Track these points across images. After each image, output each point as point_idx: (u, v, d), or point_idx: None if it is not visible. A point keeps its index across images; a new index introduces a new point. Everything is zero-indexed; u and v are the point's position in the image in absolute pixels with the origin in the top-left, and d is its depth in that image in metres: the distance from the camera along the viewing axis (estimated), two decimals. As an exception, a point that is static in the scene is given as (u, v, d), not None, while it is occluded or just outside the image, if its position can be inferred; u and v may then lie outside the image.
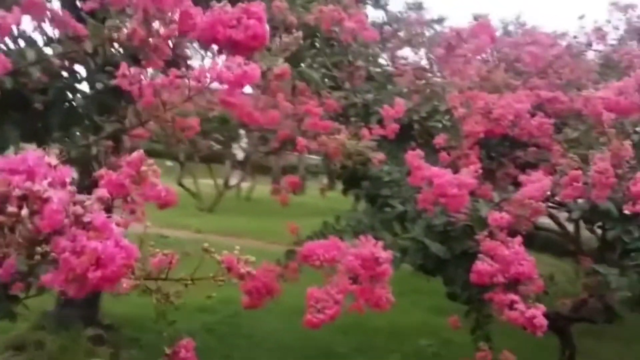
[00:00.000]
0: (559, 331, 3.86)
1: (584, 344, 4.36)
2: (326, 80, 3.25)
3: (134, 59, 1.41)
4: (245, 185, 17.32)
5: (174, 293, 1.13)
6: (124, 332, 5.42)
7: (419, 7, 6.81)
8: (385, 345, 6.39)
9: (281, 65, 2.12)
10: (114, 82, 1.43)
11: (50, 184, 0.66)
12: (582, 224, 3.88)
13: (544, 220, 4.43)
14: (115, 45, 1.46)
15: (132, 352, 5.05)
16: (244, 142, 12.78)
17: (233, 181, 16.28)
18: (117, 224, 0.70)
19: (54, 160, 0.69)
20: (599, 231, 3.68)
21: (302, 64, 3.26)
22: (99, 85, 1.60)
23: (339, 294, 1.92)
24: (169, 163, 13.89)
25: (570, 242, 4.68)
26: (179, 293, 1.13)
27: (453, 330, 6.55)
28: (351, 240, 2.41)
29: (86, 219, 0.67)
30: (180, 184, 14.11)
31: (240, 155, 15.72)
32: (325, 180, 4.23)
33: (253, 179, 18.29)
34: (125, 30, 1.35)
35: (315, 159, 3.78)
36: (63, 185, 0.69)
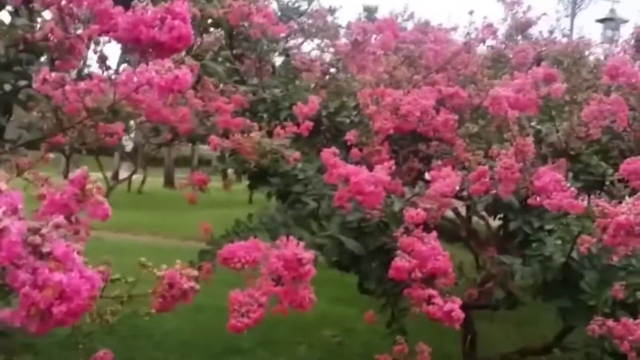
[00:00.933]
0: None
1: (479, 326, 4.57)
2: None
3: (50, 60, 1.32)
4: (136, 177, 16.76)
5: (111, 312, 1.07)
6: (17, 338, 5.11)
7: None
8: (290, 338, 6.41)
9: (189, 61, 2.06)
10: (22, 83, 1.33)
11: (4, 213, 0.59)
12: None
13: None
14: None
15: (27, 358, 4.78)
16: (133, 133, 12.32)
17: (123, 174, 15.73)
18: (78, 253, 0.64)
19: (3, 185, 0.62)
20: (491, 220, 3.88)
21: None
22: (6, 87, 1.48)
23: (262, 296, 1.90)
24: (52, 155, 13.18)
25: (462, 229, 4.89)
26: (115, 311, 1.07)
27: (355, 320, 6.70)
28: (266, 239, 2.40)
29: (45, 248, 0.61)
30: (66, 178, 13.42)
31: (130, 146, 15.22)
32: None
33: (144, 171, 17.77)
34: (40, 30, 1.25)
35: (207, 149, 3.69)
36: (15, 212, 0.62)
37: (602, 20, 15.82)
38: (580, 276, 2.47)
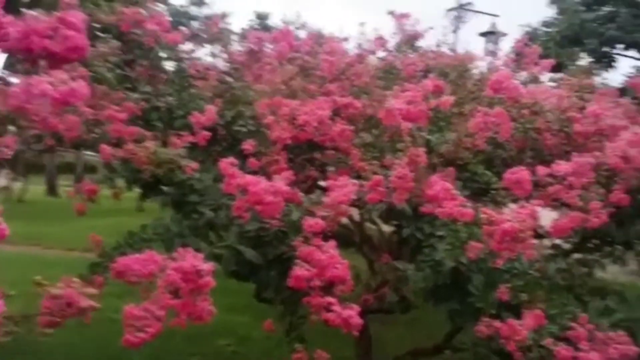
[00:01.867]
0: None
1: (373, 329, 4.67)
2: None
3: None
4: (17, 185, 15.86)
5: (4, 333, 1.01)
6: None
7: (200, 2, 6.75)
8: (183, 349, 6.27)
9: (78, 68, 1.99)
10: None
11: None
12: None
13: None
14: None
15: None
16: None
17: (2, 182, 14.83)
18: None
19: None
20: (385, 227, 3.99)
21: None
22: None
23: (159, 310, 1.86)
24: None
25: (356, 234, 5.01)
26: (9, 333, 1.01)
27: (249, 328, 6.65)
28: (161, 250, 2.34)
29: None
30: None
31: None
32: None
33: (25, 179, 16.82)
34: None
35: (94, 156, 3.55)
36: None
37: (484, 34, 16.69)
38: (468, 280, 2.59)
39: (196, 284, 1.91)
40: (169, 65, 3.51)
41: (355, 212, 4.08)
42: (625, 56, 14.43)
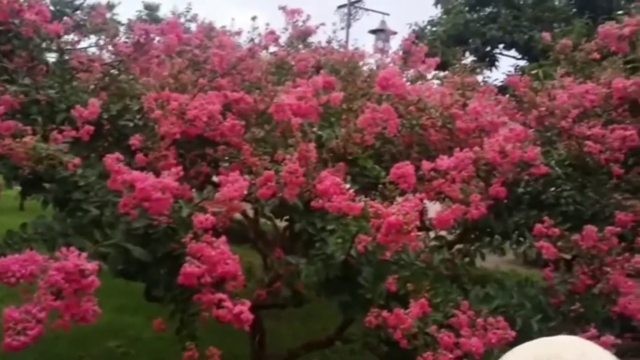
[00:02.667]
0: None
1: (267, 325, 4.68)
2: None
3: None
4: None
5: None
6: None
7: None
8: (70, 352, 6.02)
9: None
10: None
11: None
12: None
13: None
14: None
15: None
16: None
17: None
18: None
19: None
20: (278, 222, 4.02)
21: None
22: None
23: (41, 312, 1.78)
24: None
25: (251, 230, 5.00)
26: None
27: (140, 328, 6.48)
28: (43, 250, 2.23)
29: None
30: None
31: None
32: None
33: None
34: None
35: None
36: None
37: (374, 32, 17.11)
38: (358, 272, 2.65)
39: (80, 284, 1.84)
40: (51, 57, 3.34)
41: (249, 208, 4.08)
42: (506, 55, 15.26)
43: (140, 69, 3.31)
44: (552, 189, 3.27)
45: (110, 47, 3.81)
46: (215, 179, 3.50)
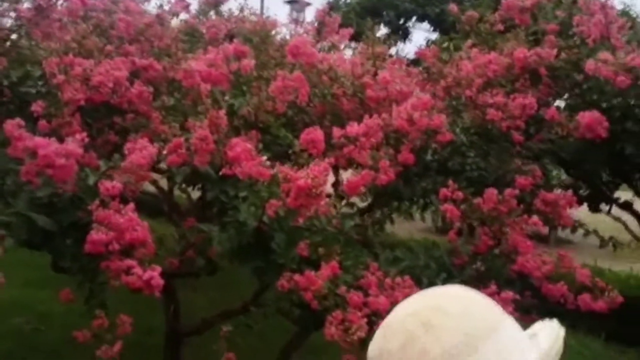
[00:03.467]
0: (163, 289, 4.07)
1: (183, 295, 4.66)
2: None
3: None
4: None
5: None
6: None
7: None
8: (-30, 330, 5.79)
9: None
10: None
11: None
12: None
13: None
14: None
15: None
16: None
17: None
18: None
19: None
20: (193, 192, 3.98)
21: None
22: None
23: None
24: None
25: (165, 202, 4.93)
26: None
27: (49, 303, 6.30)
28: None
29: None
30: None
31: None
32: None
33: None
34: None
35: None
36: None
37: (289, 2, 17.02)
38: (271, 238, 2.68)
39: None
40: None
41: (162, 179, 4.02)
42: (420, 29, 15.52)
43: (43, 34, 3.17)
44: (458, 156, 3.39)
45: (10, 12, 3.62)
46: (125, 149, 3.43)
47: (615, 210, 5.07)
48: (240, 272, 3.81)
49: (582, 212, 4.14)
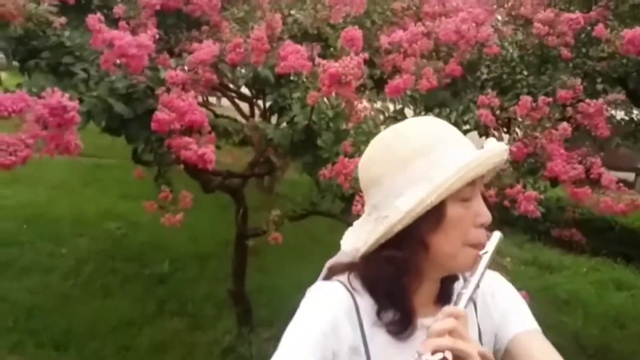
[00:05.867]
0: (232, 192, 4.46)
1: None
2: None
3: None
4: None
5: None
6: None
7: None
8: (72, 231, 6.49)
9: None
10: None
11: None
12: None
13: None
14: None
15: None
16: None
17: None
18: None
19: None
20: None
21: None
22: None
23: (29, 139, 2.08)
24: None
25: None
26: None
27: (139, 214, 6.93)
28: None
29: None
30: None
31: None
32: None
33: None
34: None
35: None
36: None
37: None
38: (319, 136, 2.94)
39: (62, 118, 2.14)
40: None
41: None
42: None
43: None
44: (511, 73, 3.51)
45: None
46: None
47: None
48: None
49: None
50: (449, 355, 0.91)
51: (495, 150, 1.09)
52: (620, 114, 5.04)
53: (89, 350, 4.29)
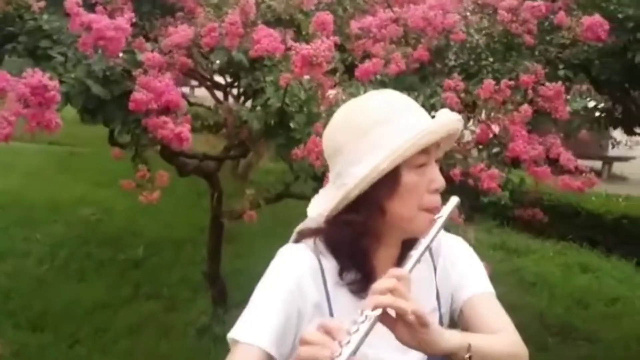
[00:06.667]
0: (207, 176, 4.55)
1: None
2: None
3: None
4: None
5: None
6: None
7: None
8: (46, 217, 6.52)
9: None
10: None
11: None
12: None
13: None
14: None
15: None
16: None
17: None
18: None
19: None
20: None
21: None
22: None
23: (11, 116, 2.16)
24: None
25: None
26: None
27: (114, 201, 6.97)
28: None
29: None
30: None
31: None
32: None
33: None
34: None
35: None
36: None
37: None
38: (292, 118, 3.05)
39: (43, 97, 2.22)
40: None
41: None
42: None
43: None
44: (478, 60, 3.64)
45: None
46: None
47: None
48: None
49: None
50: (391, 312, 1.00)
51: (446, 120, 1.19)
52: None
53: (65, 332, 4.36)
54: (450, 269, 1.29)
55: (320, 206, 1.23)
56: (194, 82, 7.65)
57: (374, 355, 1.15)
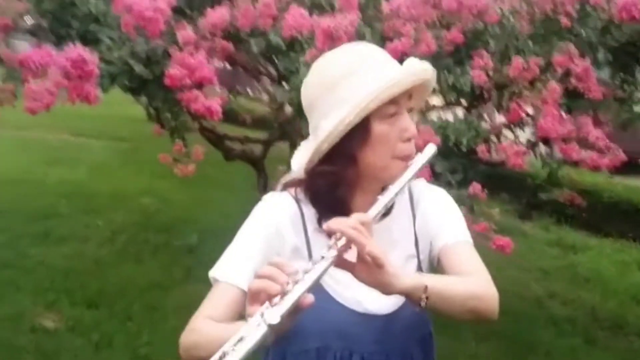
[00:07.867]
0: (253, 162, 4.71)
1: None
2: None
3: None
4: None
5: None
6: None
7: None
8: (109, 206, 6.82)
9: None
10: None
11: None
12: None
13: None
14: None
15: None
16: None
17: None
18: None
19: None
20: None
21: None
22: None
23: (53, 87, 2.34)
24: None
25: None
26: None
27: (172, 192, 7.24)
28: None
29: None
30: None
31: None
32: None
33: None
34: None
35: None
36: None
37: None
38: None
39: (83, 70, 2.40)
40: None
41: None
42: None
43: None
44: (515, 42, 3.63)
45: None
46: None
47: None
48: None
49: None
50: (348, 256, 1.04)
51: (412, 70, 1.22)
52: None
53: (118, 308, 4.57)
54: (429, 218, 1.33)
55: (301, 159, 1.28)
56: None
57: (351, 296, 1.22)
